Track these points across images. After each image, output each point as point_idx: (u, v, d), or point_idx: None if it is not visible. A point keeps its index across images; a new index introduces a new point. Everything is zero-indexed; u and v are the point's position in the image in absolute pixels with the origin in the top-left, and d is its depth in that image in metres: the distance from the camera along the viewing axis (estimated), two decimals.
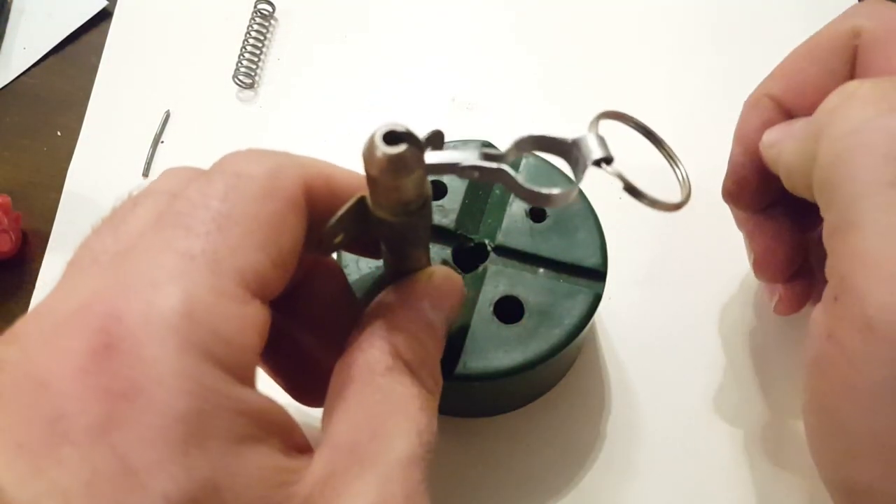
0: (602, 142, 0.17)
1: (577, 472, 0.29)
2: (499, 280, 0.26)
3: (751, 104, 0.26)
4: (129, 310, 0.13)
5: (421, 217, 0.18)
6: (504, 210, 0.27)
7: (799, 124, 0.22)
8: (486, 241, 0.27)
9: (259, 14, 0.41)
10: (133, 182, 0.37)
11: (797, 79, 0.24)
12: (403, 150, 0.15)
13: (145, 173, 0.38)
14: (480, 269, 0.26)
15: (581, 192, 0.28)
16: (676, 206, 0.18)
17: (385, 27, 0.42)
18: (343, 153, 0.23)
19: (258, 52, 0.40)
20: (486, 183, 0.28)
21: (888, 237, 0.17)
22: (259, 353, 0.15)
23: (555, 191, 0.17)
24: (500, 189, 0.28)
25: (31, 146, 0.39)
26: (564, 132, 0.18)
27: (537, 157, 0.28)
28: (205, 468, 0.12)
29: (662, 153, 0.21)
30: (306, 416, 0.19)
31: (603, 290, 0.26)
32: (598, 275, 0.26)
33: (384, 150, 0.15)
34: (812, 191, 0.20)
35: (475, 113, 0.38)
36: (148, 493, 0.12)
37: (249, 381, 0.14)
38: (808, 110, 0.23)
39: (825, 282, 0.20)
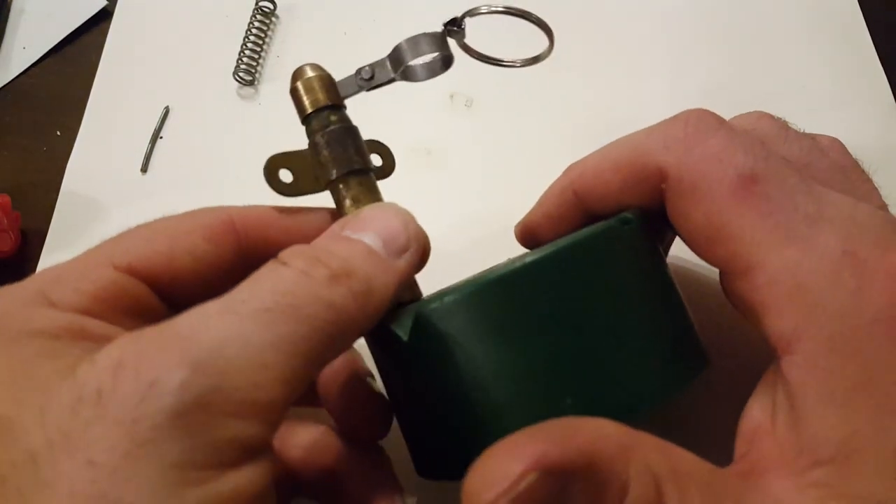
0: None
1: None
2: None
3: (556, 191, 0.25)
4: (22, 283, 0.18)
5: (344, 129, 0.22)
6: None
7: None
8: None
9: (260, 11, 0.41)
10: (132, 178, 0.37)
11: (601, 190, 0.23)
12: (310, 63, 0.23)
13: (143, 169, 0.37)
14: None
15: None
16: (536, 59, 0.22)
17: (385, 24, 0.41)
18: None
19: (259, 49, 0.40)
20: None
21: None
22: (100, 300, 0.18)
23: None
24: None
25: (31, 146, 0.39)
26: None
27: None
28: None
29: (530, 20, 0.24)
30: None
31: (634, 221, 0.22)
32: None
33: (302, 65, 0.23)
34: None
35: (474, 109, 0.38)
36: None
37: (63, 305, 0.17)
38: (604, 215, 0.23)
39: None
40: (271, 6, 0.41)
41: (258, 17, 0.41)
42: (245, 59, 0.40)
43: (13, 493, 0.13)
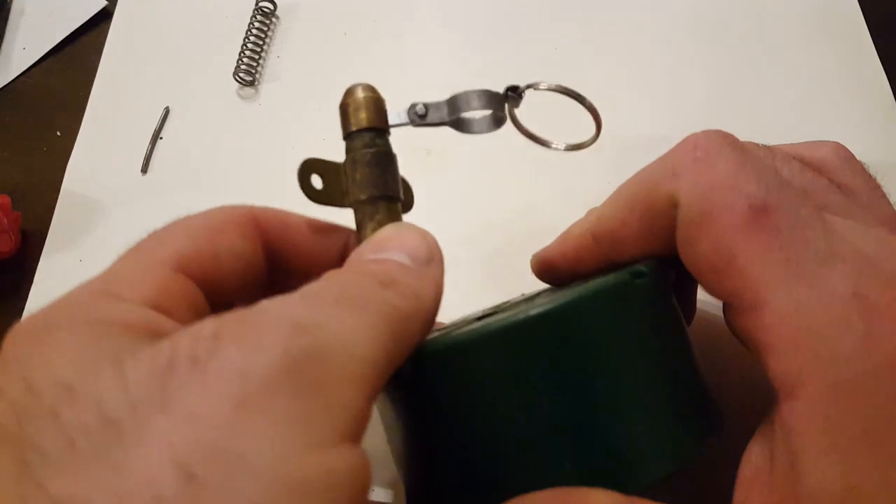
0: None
1: None
2: None
3: (575, 234, 0.24)
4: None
5: (385, 154, 0.22)
6: None
7: None
8: None
9: (260, 12, 0.41)
10: (132, 178, 0.37)
11: (620, 233, 0.22)
12: (362, 83, 0.22)
13: (144, 169, 0.37)
14: None
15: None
16: (580, 146, 0.23)
17: (386, 24, 0.41)
18: (342, 150, 0.22)
19: (259, 49, 0.40)
20: None
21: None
22: (162, 301, 0.17)
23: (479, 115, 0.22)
24: None
25: (31, 146, 0.39)
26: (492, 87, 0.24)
27: None
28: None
29: (582, 103, 0.25)
30: None
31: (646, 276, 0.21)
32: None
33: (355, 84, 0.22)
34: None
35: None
36: None
37: (130, 300, 0.17)
38: (623, 257, 0.22)
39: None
40: (271, 6, 0.41)
41: (258, 17, 0.41)
42: (245, 60, 0.40)
43: (84, 458, 0.12)
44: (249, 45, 0.40)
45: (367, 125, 0.21)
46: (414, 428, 0.20)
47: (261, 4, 0.41)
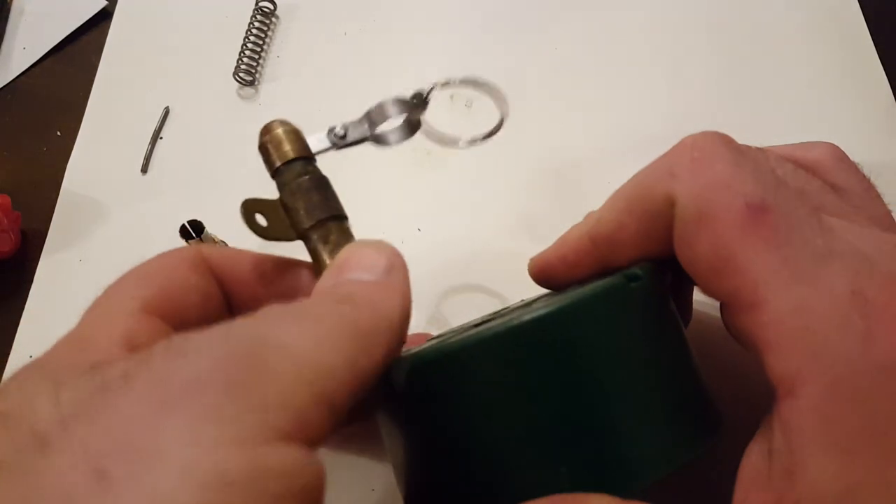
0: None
1: None
2: None
3: (574, 237, 0.24)
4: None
5: (317, 180, 0.22)
6: None
7: None
8: None
9: (260, 12, 0.41)
10: (132, 178, 0.37)
11: (618, 236, 0.22)
12: (277, 119, 0.22)
13: (144, 169, 0.37)
14: None
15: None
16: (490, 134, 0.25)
17: (385, 25, 0.41)
18: (341, 151, 0.23)
19: (259, 49, 0.40)
20: None
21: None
22: (125, 335, 0.17)
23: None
24: None
25: (31, 146, 0.39)
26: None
27: None
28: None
29: (488, 92, 0.26)
30: None
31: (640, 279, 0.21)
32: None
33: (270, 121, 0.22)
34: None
35: (474, 110, 0.38)
36: None
37: (103, 346, 0.17)
38: (622, 260, 0.22)
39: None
40: (271, 6, 0.41)
41: (258, 17, 0.41)
42: (245, 60, 0.40)
43: (7, 471, 0.13)
44: (249, 45, 0.40)
45: (294, 156, 0.22)
46: (410, 436, 0.20)
47: (261, 4, 0.41)
